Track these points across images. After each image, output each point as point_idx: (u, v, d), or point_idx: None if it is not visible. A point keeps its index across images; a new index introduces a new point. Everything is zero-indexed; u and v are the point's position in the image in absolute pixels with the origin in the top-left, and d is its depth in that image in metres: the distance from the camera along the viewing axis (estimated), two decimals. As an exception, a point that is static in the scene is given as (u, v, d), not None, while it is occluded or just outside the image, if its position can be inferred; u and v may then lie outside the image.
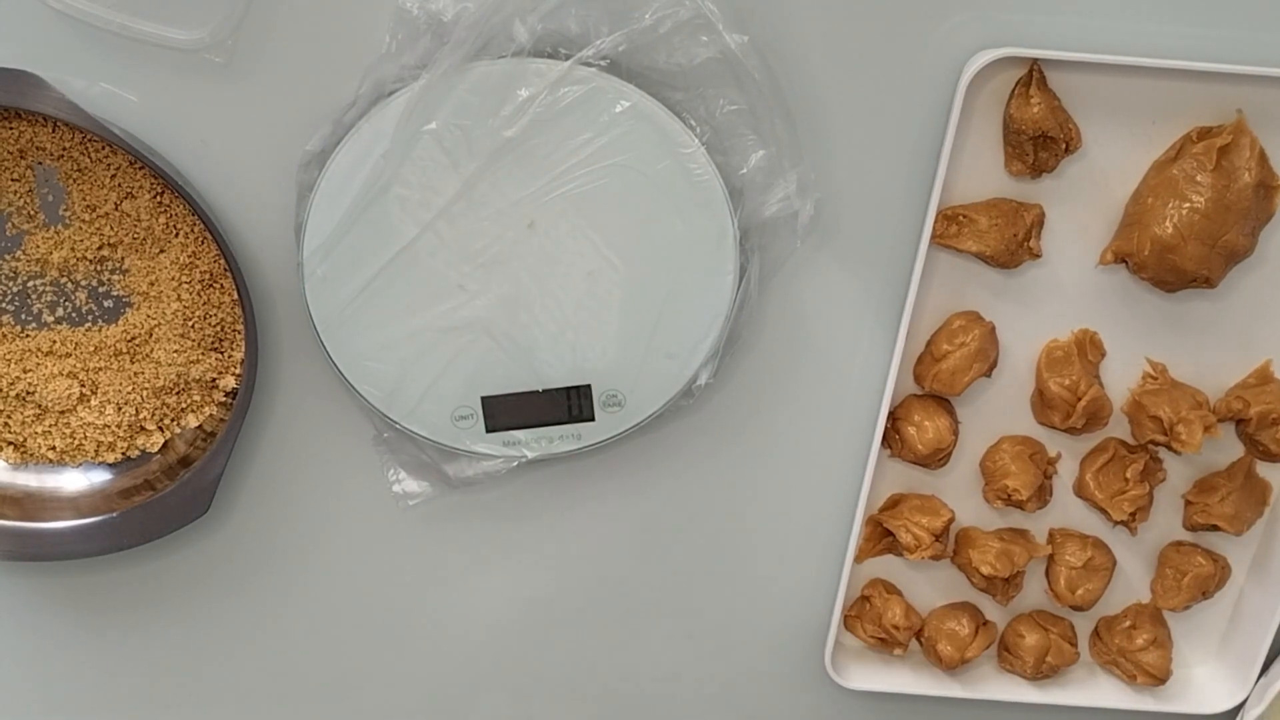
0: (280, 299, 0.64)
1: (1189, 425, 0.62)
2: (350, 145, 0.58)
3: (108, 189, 0.61)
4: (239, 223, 0.62)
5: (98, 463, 0.66)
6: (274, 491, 0.69)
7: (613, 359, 0.62)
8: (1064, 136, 0.59)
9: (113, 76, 0.59)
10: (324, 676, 0.74)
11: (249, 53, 0.59)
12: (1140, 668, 0.70)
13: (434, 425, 0.63)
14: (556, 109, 0.57)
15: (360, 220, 0.59)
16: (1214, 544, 0.70)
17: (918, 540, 0.66)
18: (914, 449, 0.65)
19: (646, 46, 0.57)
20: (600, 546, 0.70)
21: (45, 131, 0.60)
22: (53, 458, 0.66)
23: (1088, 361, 0.64)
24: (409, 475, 0.68)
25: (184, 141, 0.60)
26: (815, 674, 0.72)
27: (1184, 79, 0.58)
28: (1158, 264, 0.60)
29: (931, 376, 0.64)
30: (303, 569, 0.71)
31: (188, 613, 0.72)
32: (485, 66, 0.57)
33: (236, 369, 0.65)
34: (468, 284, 0.61)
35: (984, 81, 0.59)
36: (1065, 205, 0.62)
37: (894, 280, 0.64)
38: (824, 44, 0.59)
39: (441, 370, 0.62)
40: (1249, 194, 0.59)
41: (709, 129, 0.59)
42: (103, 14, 0.57)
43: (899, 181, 0.62)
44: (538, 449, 0.64)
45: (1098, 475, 0.67)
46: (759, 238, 0.61)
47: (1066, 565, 0.68)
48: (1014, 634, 0.71)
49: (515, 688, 0.75)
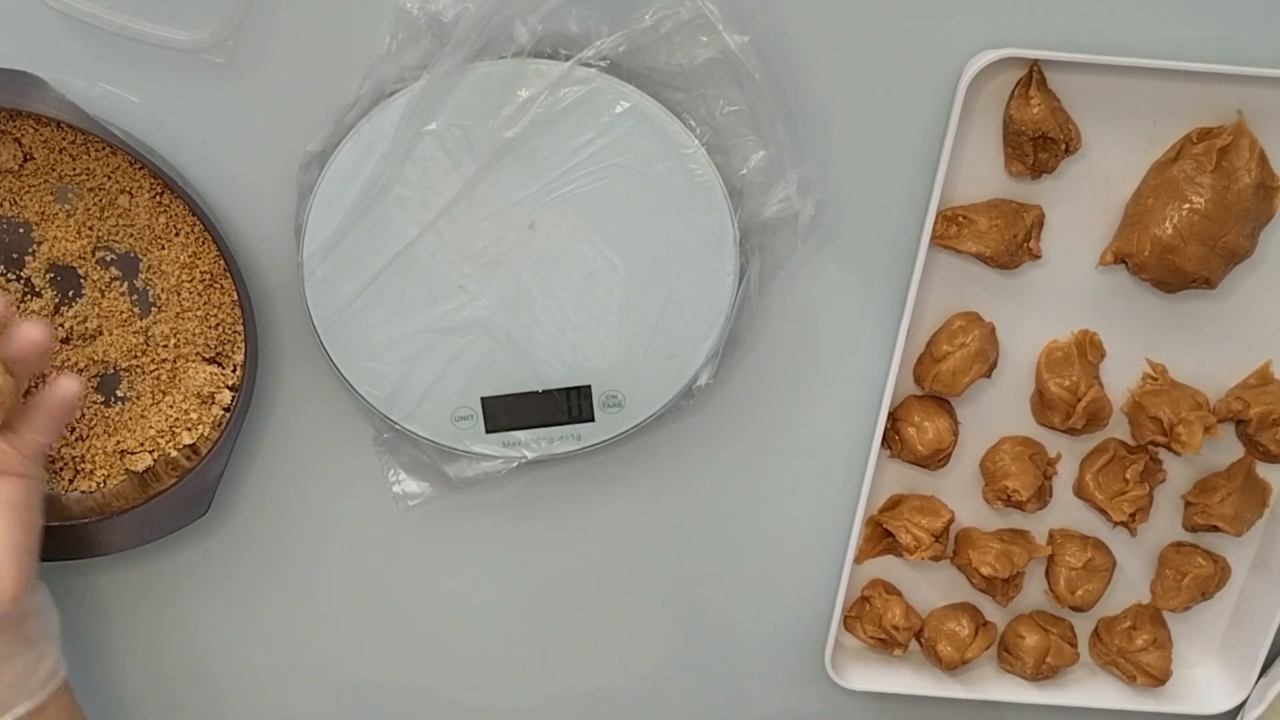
0: (280, 299, 0.64)
1: (1189, 426, 0.62)
2: (351, 145, 0.58)
3: (108, 189, 0.61)
4: (239, 223, 0.62)
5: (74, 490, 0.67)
6: (274, 491, 0.69)
7: (613, 359, 0.62)
8: (1064, 137, 0.59)
9: (113, 76, 0.59)
10: (324, 676, 0.74)
11: (249, 53, 0.59)
12: (1140, 668, 0.70)
13: (434, 426, 0.63)
14: (557, 110, 0.57)
15: (360, 221, 0.59)
16: (1214, 544, 0.70)
17: (918, 541, 0.66)
18: (914, 450, 0.65)
19: (647, 47, 0.57)
20: (600, 546, 0.70)
21: (46, 131, 0.60)
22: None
23: (1088, 362, 0.64)
24: (409, 476, 0.68)
25: (184, 141, 0.60)
26: (815, 674, 0.72)
27: (1184, 79, 0.58)
28: (1158, 265, 0.60)
29: (931, 377, 0.64)
30: (303, 569, 0.71)
31: (188, 613, 0.72)
32: (486, 67, 0.57)
33: (234, 381, 0.65)
34: (468, 284, 0.61)
35: (984, 82, 0.59)
36: (1065, 206, 0.62)
37: (894, 280, 0.64)
38: (824, 44, 0.59)
39: (441, 370, 0.62)
40: (1249, 195, 0.59)
41: (709, 129, 0.59)
42: (103, 14, 0.57)
43: (899, 182, 0.62)
44: (538, 449, 0.64)
45: (1098, 476, 0.67)
46: (759, 238, 0.61)
47: (1066, 566, 0.68)
48: (1014, 634, 0.71)
49: (515, 687, 0.75)
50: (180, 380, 0.65)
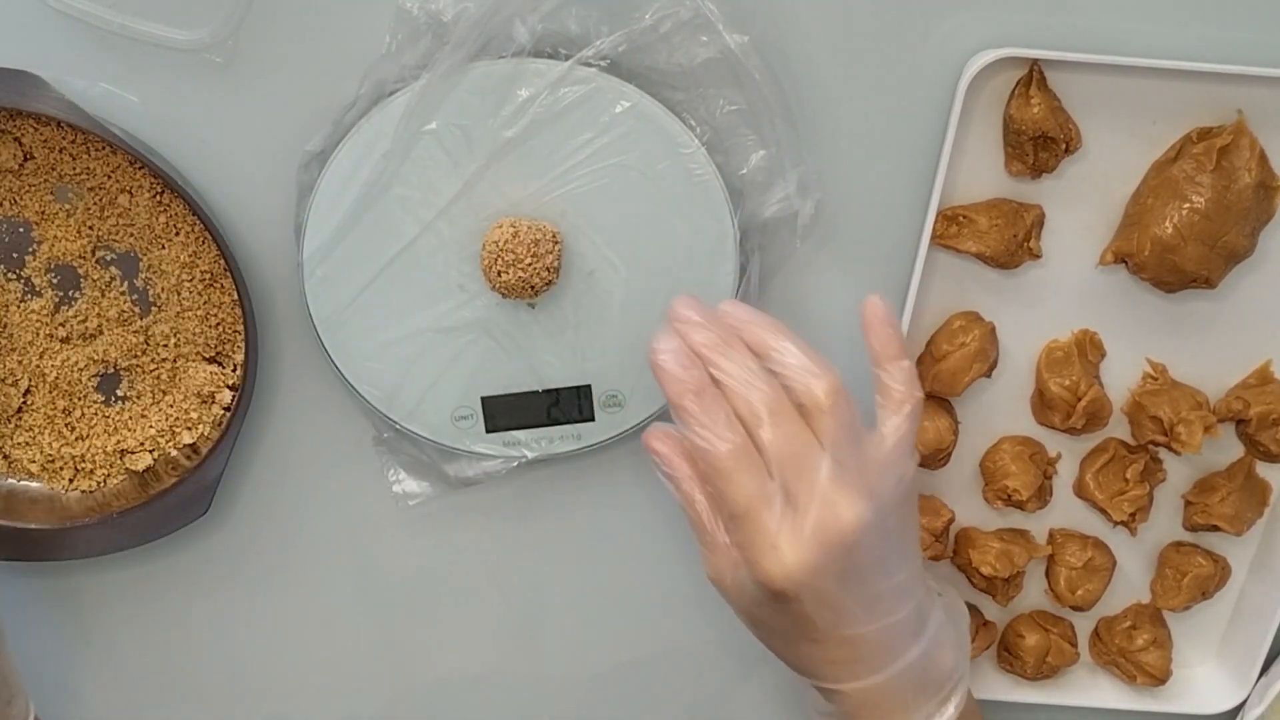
0: (280, 299, 0.64)
1: (1189, 426, 0.62)
2: (350, 145, 0.58)
3: (108, 188, 0.61)
4: (239, 223, 0.62)
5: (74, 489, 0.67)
6: (274, 492, 0.69)
7: (613, 359, 0.62)
8: (1064, 137, 0.59)
9: (113, 76, 0.59)
10: (324, 676, 0.74)
11: (249, 53, 0.59)
12: (1140, 668, 0.70)
13: (434, 425, 0.63)
14: (557, 109, 0.57)
15: (360, 220, 0.59)
16: (1214, 544, 0.70)
17: (918, 540, 0.66)
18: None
19: (646, 46, 0.57)
20: (600, 546, 0.70)
21: (46, 131, 0.60)
22: (34, 470, 0.66)
23: (1088, 362, 0.64)
24: (409, 475, 0.68)
25: (184, 141, 0.60)
26: (815, 674, 0.72)
27: (1184, 79, 0.58)
28: (1158, 264, 0.60)
29: (931, 377, 0.64)
30: (303, 569, 0.71)
31: (188, 613, 0.72)
32: (485, 67, 0.57)
33: (234, 381, 0.65)
34: (468, 284, 0.61)
35: (984, 81, 0.59)
36: (1065, 205, 0.62)
37: (894, 280, 0.63)
38: (824, 44, 0.59)
39: (441, 370, 0.62)
40: (1249, 194, 0.59)
41: (709, 129, 0.59)
42: (103, 14, 0.57)
43: (899, 181, 0.62)
44: (538, 449, 0.64)
45: (1098, 475, 0.67)
46: (759, 238, 0.61)
47: (1066, 565, 0.68)
48: (1014, 634, 0.71)
49: (515, 687, 0.75)
50: (180, 380, 0.65)
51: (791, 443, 0.50)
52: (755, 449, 0.50)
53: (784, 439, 0.50)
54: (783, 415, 0.50)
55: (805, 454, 0.50)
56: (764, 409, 0.50)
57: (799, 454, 0.50)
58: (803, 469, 0.50)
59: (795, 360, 0.51)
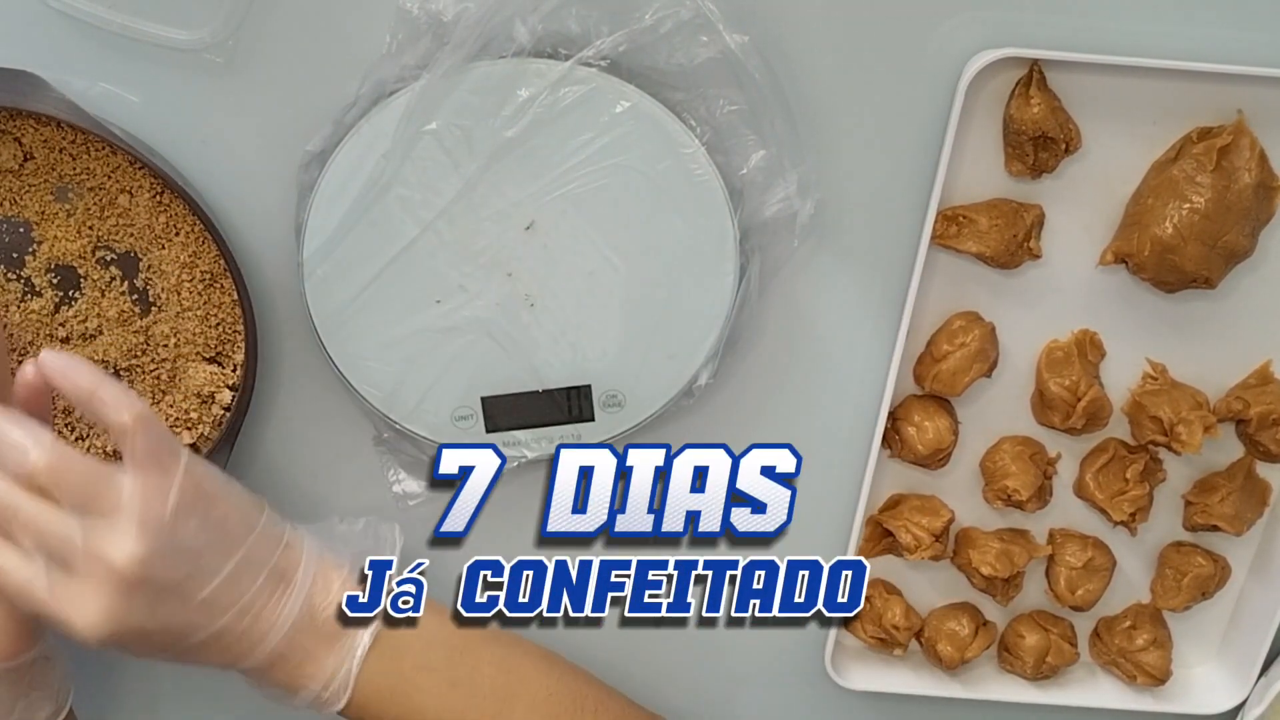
0: (280, 299, 0.64)
1: (1189, 426, 0.62)
2: (350, 145, 0.58)
3: (108, 188, 0.61)
4: (239, 223, 0.62)
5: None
6: (274, 492, 0.68)
7: (613, 359, 0.62)
8: (1064, 136, 0.59)
9: (113, 76, 0.59)
10: (324, 677, 0.74)
11: (249, 53, 0.59)
12: (1140, 668, 0.70)
13: (434, 425, 0.63)
14: (557, 109, 0.57)
15: (361, 220, 0.59)
16: (1214, 544, 0.70)
17: (918, 540, 0.66)
18: (914, 449, 0.65)
19: (647, 46, 0.57)
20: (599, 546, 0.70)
21: (46, 131, 0.60)
22: None
23: (1088, 362, 0.64)
24: (409, 475, 0.68)
25: (184, 141, 0.60)
26: (815, 674, 0.72)
27: (1184, 79, 0.58)
28: (1158, 264, 0.60)
29: (931, 377, 0.64)
30: (303, 569, 0.71)
31: (188, 613, 0.72)
32: (486, 67, 0.57)
33: (234, 381, 0.65)
34: (468, 284, 0.61)
35: (984, 81, 0.59)
36: (1065, 205, 0.62)
37: (894, 280, 0.64)
38: (824, 44, 0.59)
39: (441, 370, 0.62)
40: (1249, 194, 0.59)
41: (709, 129, 0.59)
42: (103, 14, 0.57)
43: (899, 181, 0.62)
44: (538, 449, 0.64)
45: (1098, 475, 0.67)
46: (759, 238, 0.61)
47: (1066, 565, 0.68)
48: (1014, 634, 0.71)
49: (515, 688, 0.74)
50: (180, 380, 0.65)
51: (38, 519, 0.49)
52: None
53: (31, 517, 0.49)
54: (20, 500, 0.49)
55: (56, 522, 0.49)
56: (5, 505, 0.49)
57: (50, 524, 0.49)
58: (57, 536, 0.49)
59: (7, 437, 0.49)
